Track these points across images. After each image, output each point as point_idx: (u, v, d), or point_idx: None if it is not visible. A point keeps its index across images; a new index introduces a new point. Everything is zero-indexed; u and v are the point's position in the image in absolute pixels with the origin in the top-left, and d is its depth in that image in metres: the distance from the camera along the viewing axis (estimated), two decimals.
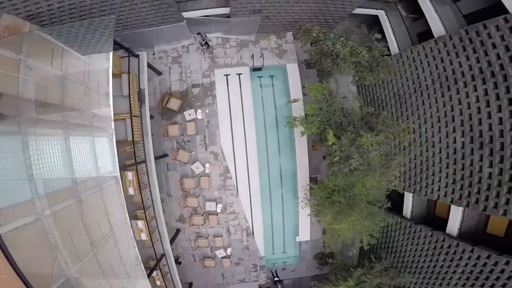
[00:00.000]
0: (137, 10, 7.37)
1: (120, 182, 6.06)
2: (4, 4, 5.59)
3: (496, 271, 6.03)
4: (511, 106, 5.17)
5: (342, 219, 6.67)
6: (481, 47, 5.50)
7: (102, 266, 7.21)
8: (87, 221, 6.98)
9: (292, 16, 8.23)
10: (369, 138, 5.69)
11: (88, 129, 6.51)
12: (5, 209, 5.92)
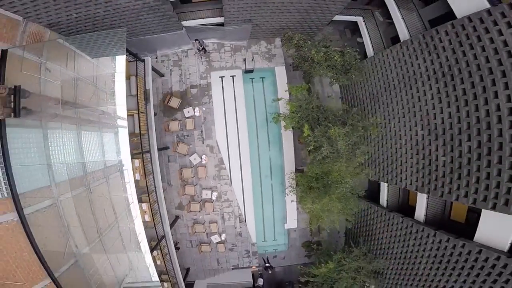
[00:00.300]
0: (143, 20, 8.51)
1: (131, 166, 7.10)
2: (30, 14, 6.54)
3: (455, 254, 6.70)
4: (457, 102, 5.95)
5: (318, 202, 7.55)
6: (434, 50, 6.32)
7: (112, 242, 8.25)
8: (97, 205, 8.06)
9: (279, 24, 9.22)
10: (336, 130, 6.58)
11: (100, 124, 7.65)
12: (29, 192, 7.05)
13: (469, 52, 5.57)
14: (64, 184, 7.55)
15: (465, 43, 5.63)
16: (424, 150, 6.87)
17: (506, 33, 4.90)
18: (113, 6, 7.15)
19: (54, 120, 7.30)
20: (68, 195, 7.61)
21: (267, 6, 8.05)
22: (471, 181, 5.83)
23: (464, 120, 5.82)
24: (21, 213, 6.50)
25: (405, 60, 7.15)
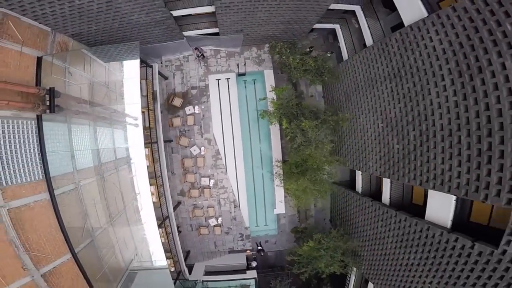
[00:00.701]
0: (150, 31, 10.06)
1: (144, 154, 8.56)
2: (58, 26, 7.93)
3: (411, 232, 7.74)
4: (404, 99, 7.11)
5: (295, 183, 8.86)
6: (388, 55, 7.51)
7: (125, 222, 9.69)
8: (113, 189, 9.57)
9: (267, 33, 10.59)
10: (307, 123, 7.87)
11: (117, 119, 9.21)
12: (57, 176, 8.49)
13: (411, 57, 6.76)
14: (84, 171, 9.07)
15: (408, 48, 6.83)
16: (384, 140, 8.04)
17: (435, 40, 6.08)
18: (127, 20, 8.67)
19: (77, 116, 8.92)
20: (87, 180, 9.15)
21: (255, 19, 9.45)
22: (417, 165, 6.97)
23: (409, 113, 6.99)
24: (52, 193, 7.67)
25: (368, 64, 8.36)
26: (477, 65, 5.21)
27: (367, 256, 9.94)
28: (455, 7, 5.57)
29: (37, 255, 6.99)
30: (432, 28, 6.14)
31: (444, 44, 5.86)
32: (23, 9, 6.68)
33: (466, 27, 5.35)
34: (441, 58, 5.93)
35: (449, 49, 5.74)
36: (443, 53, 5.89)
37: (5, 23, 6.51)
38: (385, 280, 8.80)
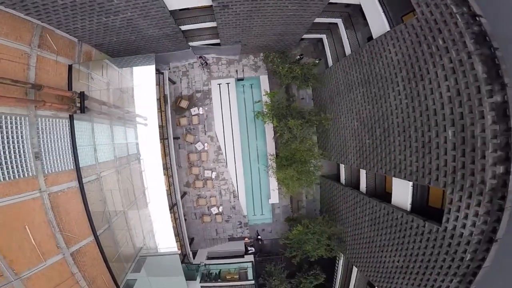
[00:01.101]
0: (162, 42, 11.66)
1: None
2: (85, 37, 9.46)
3: (381, 215, 8.92)
4: (372, 102, 8.40)
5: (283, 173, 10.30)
6: (360, 64, 8.83)
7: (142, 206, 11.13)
8: (129, 179, 11.10)
9: (262, 43, 12.04)
10: (293, 122, 9.26)
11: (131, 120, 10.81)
12: (84, 167, 9.86)
13: (376, 66, 8.06)
14: (104, 163, 10.64)
15: (374, 58, 8.13)
16: (359, 136, 9.34)
17: (392, 51, 7.38)
18: (142, 34, 10.17)
19: (100, 116, 10.54)
20: (106, 172, 10.70)
21: (251, 33, 10.91)
22: (382, 156, 8.25)
23: (376, 113, 8.28)
24: (81, 182, 9.14)
25: (346, 71, 9.68)
26: (419, 73, 6.50)
27: (350, 241, 11.18)
28: (406, 24, 6.88)
29: (68, 235, 8.31)
30: (390, 41, 7.45)
31: (398, 56, 7.16)
32: (59, 23, 8.07)
33: (412, 41, 6.65)
34: (396, 67, 7.23)
35: (402, 59, 7.04)
36: (398, 63, 7.19)
37: (44, 36, 8.00)
38: (365, 262, 10.02)
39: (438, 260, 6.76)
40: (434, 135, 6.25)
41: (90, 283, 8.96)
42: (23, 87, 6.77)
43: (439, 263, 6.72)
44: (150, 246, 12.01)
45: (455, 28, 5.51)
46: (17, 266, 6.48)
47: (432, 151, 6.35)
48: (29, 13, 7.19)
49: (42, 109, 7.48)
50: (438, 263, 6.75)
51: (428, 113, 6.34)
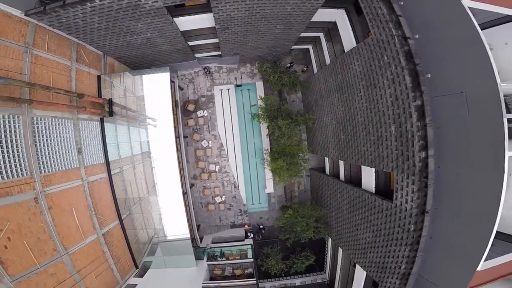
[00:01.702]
0: (172, 55, 13.71)
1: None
2: (109, 51, 11.42)
3: (355, 198, 10.71)
4: (345, 104, 10.25)
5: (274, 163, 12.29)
6: (336, 73, 10.67)
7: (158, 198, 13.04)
8: (143, 174, 13.12)
9: (257, 54, 13.99)
10: (281, 122, 11.19)
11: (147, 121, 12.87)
12: (112, 161, 11.60)
13: (346, 75, 9.91)
14: (126, 158, 12.65)
15: (345, 69, 9.99)
16: (336, 133, 11.19)
17: (356, 63, 9.21)
18: (157, 49, 12.12)
19: (121, 119, 12.61)
20: (128, 166, 12.76)
21: (247, 46, 12.84)
22: (353, 149, 10.09)
23: (347, 114, 10.12)
24: (109, 173, 11.20)
25: (326, 78, 11.55)
26: (373, 82, 8.34)
27: (334, 224, 12.98)
28: (364, 42, 8.72)
29: (101, 218, 10.24)
30: (355, 55, 9.29)
31: (360, 67, 9.01)
32: (92, 41, 10.09)
33: (368, 56, 8.49)
34: (359, 77, 9.08)
35: (362, 71, 8.89)
36: (360, 74, 9.04)
37: (79, 51, 9.96)
38: (346, 242, 11.79)
39: (394, 232, 8.50)
40: (383, 130, 8.08)
41: (116, 262, 10.93)
42: (70, 96, 8.88)
43: (395, 235, 8.48)
44: (165, 230, 13.97)
45: (394, 47, 7.35)
46: (66, 243, 8.29)
47: (383, 142, 8.18)
48: (71, 33, 9.19)
49: (82, 113, 9.60)
50: (394, 235, 8.51)
51: (379, 113, 8.17)
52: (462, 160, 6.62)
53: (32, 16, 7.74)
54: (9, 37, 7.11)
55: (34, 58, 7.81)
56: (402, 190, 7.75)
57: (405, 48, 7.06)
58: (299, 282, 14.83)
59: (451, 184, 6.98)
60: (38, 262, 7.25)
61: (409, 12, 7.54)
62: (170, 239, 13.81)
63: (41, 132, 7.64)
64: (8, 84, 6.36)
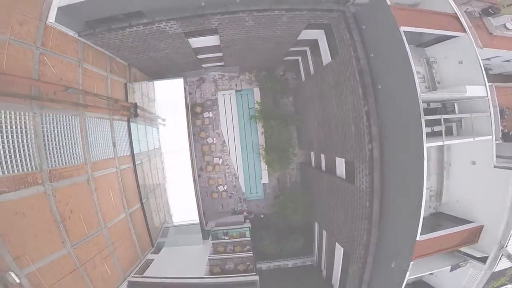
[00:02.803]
0: (184, 66, 16.29)
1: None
2: (134, 63, 14.31)
3: (331, 184, 13.28)
4: (323, 108, 12.75)
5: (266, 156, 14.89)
6: (316, 83, 13.18)
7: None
8: (159, 166, 15.79)
9: (254, 64, 16.57)
10: (272, 122, 13.75)
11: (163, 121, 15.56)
12: (137, 153, 14.40)
13: (323, 84, 12.43)
14: (144, 152, 15.27)
15: (323, 80, 12.49)
16: (318, 132, 13.72)
17: (329, 76, 11.70)
18: (173, 61, 14.69)
19: (144, 120, 15.26)
20: (145, 159, 15.35)
21: (245, 59, 15.41)
22: (329, 144, 12.60)
23: (325, 116, 12.64)
24: (134, 164, 13.63)
25: (310, 86, 14.08)
26: (341, 92, 10.84)
27: (319, 209, 15.48)
28: (334, 59, 11.21)
29: (128, 200, 12.54)
30: (329, 69, 11.80)
31: (332, 80, 11.51)
32: (122, 55, 12.63)
33: (337, 71, 10.99)
34: (332, 87, 11.59)
35: (334, 82, 11.39)
36: (333, 84, 11.55)
37: (111, 63, 12.63)
38: (327, 223, 14.28)
39: (356, 209, 10.90)
40: (347, 129, 10.60)
41: (138, 239, 13.37)
42: (108, 101, 11.49)
43: (357, 211, 10.87)
44: (178, 213, 16.50)
45: (352, 65, 9.86)
46: (105, 218, 10.53)
47: (347, 138, 10.70)
48: (108, 50, 11.71)
49: (116, 115, 12.23)
50: (357, 211, 10.90)
51: (344, 117, 10.69)
52: (400, 149, 9.12)
53: (83, 36, 10.23)
54: (68, 53, 9.61)
55: (84, 70, 10.41)
56: (360, 174, 10.26)
57: (359, 67, 9.58)
58: (291, 264, 17.26)
59: (394, 168, 9.46)
60: (88, 232, 9.55)
61: (368, 36, 10.00)
62: (181, 221, 16.42)
63: (90, 129, 10.27)
64: (74, 92, 8.98)
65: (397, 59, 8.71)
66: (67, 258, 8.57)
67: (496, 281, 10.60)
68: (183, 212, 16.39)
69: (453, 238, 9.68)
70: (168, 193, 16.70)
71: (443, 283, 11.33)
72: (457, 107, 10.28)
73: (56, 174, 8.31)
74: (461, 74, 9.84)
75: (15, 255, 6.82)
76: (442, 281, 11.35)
